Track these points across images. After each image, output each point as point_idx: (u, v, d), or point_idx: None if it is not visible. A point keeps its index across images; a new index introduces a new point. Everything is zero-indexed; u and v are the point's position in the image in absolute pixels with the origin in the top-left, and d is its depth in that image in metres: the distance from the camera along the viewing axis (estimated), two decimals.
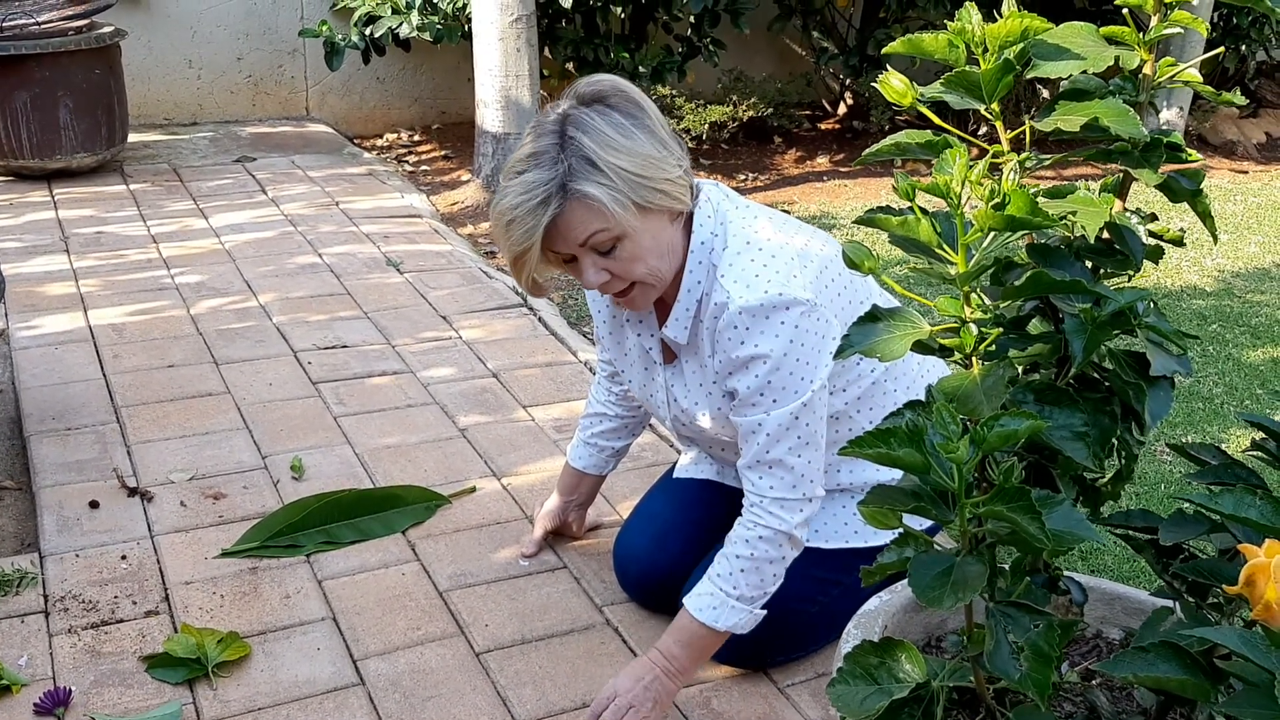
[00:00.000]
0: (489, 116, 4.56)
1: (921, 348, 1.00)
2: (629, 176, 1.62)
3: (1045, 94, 5.48)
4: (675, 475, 2.17)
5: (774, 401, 1.69)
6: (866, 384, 1.85)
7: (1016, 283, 0.96)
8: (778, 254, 1.69)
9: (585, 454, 2.19)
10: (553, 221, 1.62)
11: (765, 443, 1.70)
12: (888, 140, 1.05)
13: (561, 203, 1.62)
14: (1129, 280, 1.11)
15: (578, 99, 1.67)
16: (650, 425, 2.79)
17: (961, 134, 1.00)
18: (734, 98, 5.66)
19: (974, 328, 0.96)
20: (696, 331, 1.78)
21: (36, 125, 4.40)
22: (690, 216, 1.74)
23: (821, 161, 5.54)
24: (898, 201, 1.06)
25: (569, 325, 3.45)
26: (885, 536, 1.87)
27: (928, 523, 1.71)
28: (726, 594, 1.74)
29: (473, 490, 2.48)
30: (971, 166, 0.94)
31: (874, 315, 1.01)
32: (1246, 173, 5.68)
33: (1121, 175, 1.10)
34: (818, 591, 1.90)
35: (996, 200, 0.90)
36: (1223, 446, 1.32)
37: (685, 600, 1.78)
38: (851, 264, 0.99)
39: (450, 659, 1.95)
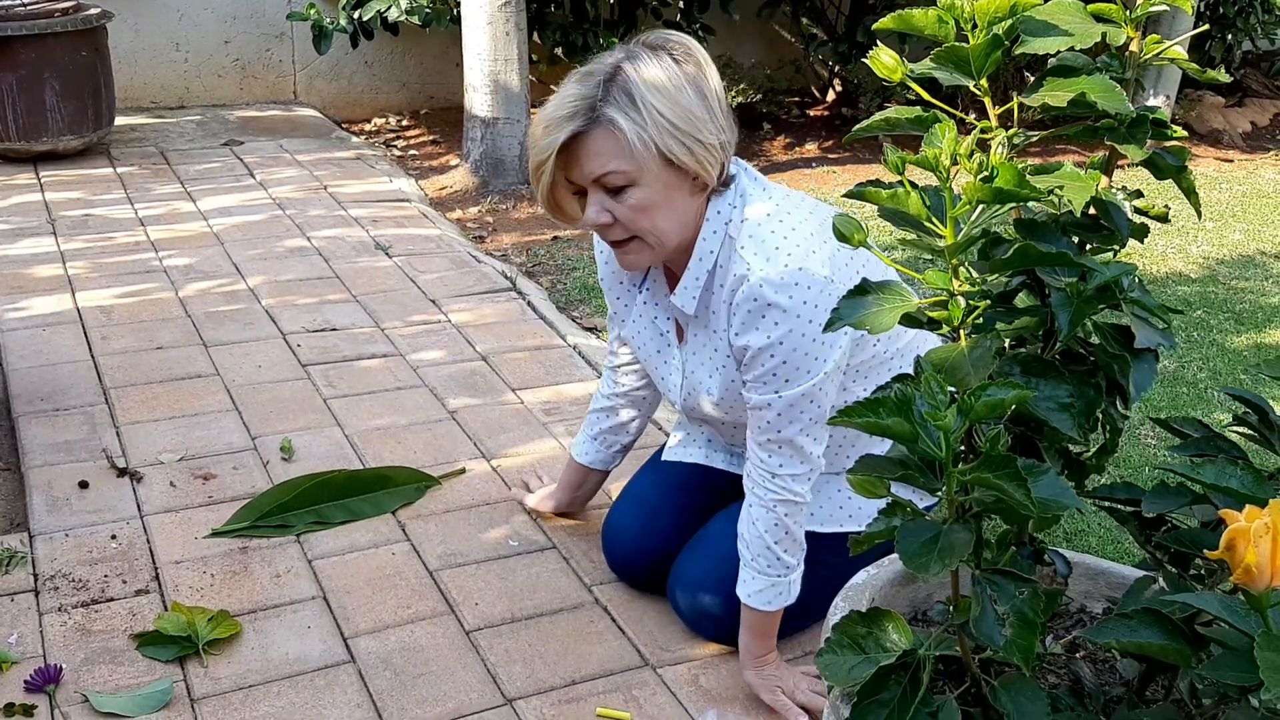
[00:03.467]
0: (477, 101, 4.55)
1: (910, 321, 1.01)
2: (663, 122, 1.62)
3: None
4: (663, 458, 2.18)
5: (786, 381, 1.68)
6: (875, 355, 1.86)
7: (1004, 256, 0.97)
8: (798, 228, 1.69)
9: (592, 450, 2.19)
10: (575, 139, 1.64)
11: (776, 422, 1.71)
12: (877, 116, 1.07)
13: (588, 122, 1.63)
14: (1114, 257, 1.12)
15: (641, 43, 1.69)
16: None
17: (951, 110, 1.01)
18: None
19: (962, 301, 0.98)
20: (706, 303, 1.78)
21: (22, 107, 4.38)
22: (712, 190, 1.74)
23: (810, 148, 5.55)
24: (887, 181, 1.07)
25: (558, 309, 3.46)
26: None
27: (924, 503, 1.73)
28: (780, 575, 1.78)
29: (462, 472, 2.49)
30: (960, 141, 0.95)
31: (863, 288, 1.02)
32: (1232, 161, 5.71)
33: (1108, 153, 1.11)
34: (806, 573, 1.92)
35: (985, 173, 0.91)
36: None
37: (745, 599, 1.79)
38: (841, 236, 1.00)
39: (440, 637, 1.96)
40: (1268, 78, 6.92)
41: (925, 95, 1.06)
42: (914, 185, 0.98)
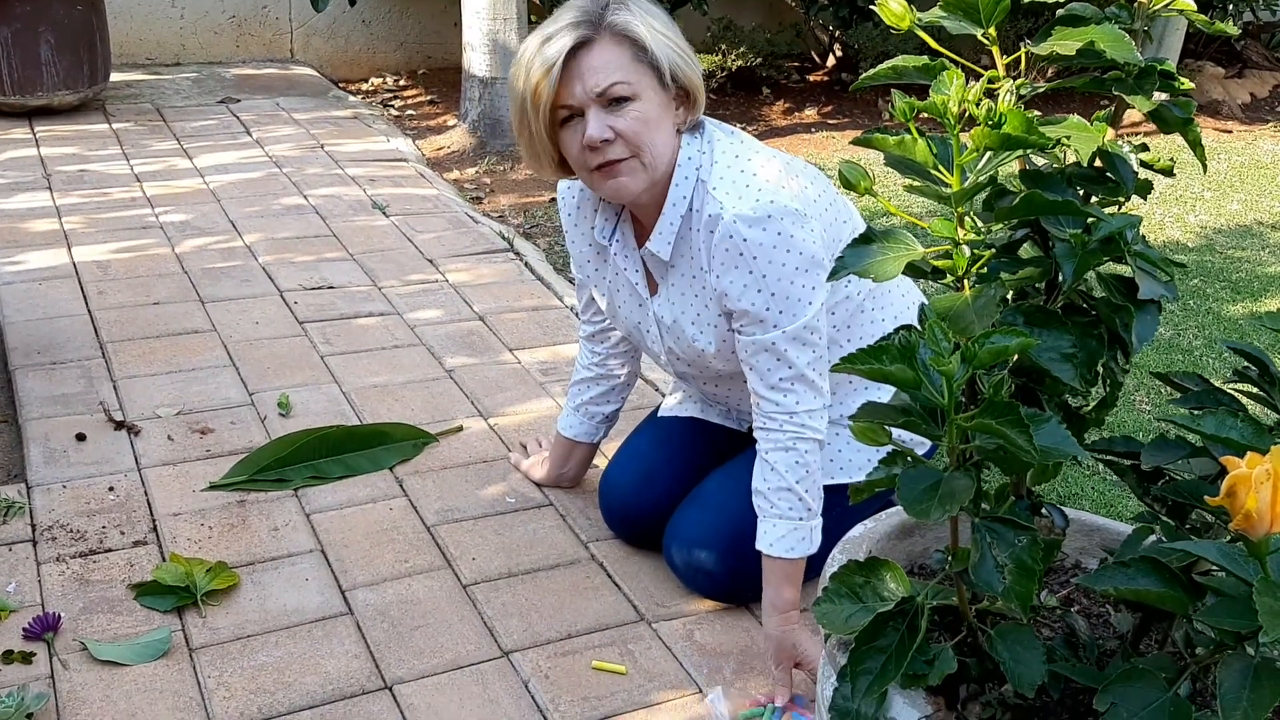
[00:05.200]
0: (476, 60, 4.52)
1: (914, 270, 1.01)
2: (664, 40, 1.68)
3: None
4: (660, 415, 2.19)
5: (781, 313, 1.70)
6: (852, 308, 1.87)
7: (1010, 205, 0.97)
8: (766, 165, 1.72)
9: (576, 422, 2.19)
10: (583, 47, 1.66)
11: (785, 358, 1.72)
12: (885, 64, 1.06)
13: (594, 31, 1.66)
14: (1119, 210, 1.12)
15: None
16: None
17: (957, 58, 1.01)
18: (723, 47, 5.63)
19: (967, 249, 0.98)
20: (682, 249, 1.79)
21: (17, 61, 4.35)
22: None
23: (809, 113, 5.53)
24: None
25: (555, 271, 3.45)
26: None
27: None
28: (802, 518, 1.76)
29: (460, 430, 2.49)
30: (968, 88, 0.95)
31: (868, 237, 1.02)
32: (1231, 132, 5.70)
33: (1114, 105, 1.11)
34: None
35: (993, 119, 0.91)
36: None
37: (767, 549, 1.77)
38: (847, 184, 1.00)
39: (438, 590, 1.98)
40: (1268, 49, 6.90)
41: (933, 44, 1.05)
42: (921, 133, 0.98)
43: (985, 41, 1.03)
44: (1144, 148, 1.11)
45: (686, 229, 1.77)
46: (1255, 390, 1.17)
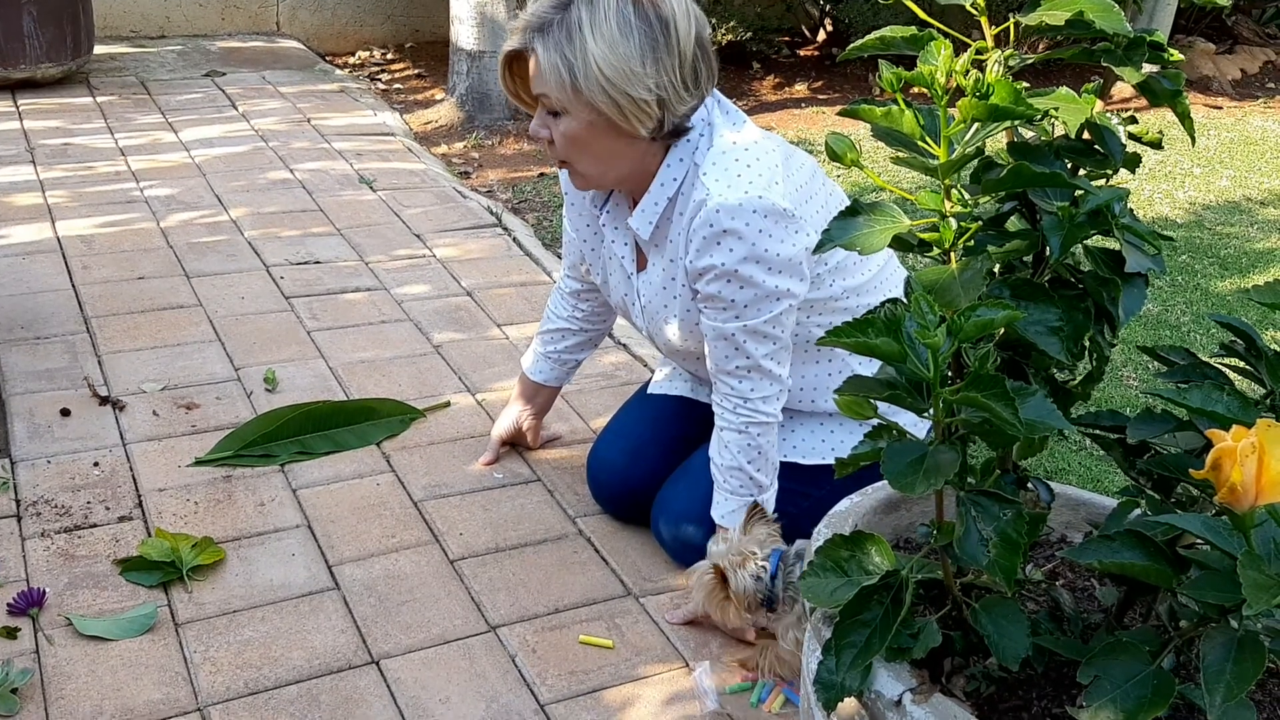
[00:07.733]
0: (464, 33, 4.49)
1: (900, 243, 1.01)
2: (594, 71, 1.59)
3: None
4: (649, 391, 2.18)
5: (746, 307, 1.68)
6: (836, 309, 1.85)
7: (997, 177, 0.96)
8: (762, 158, 1.68)
9: (546, 368, 2.19)
10: (518, 56, 1.69)
11: (743, 349, 1.71)
12: (872, 35, 1.05)
13: (523, 47, 1.66)
14: (1107, 183, 1.11)
15: None
16: (625, 346, 2.80)
17: (946, 29, 1.00)
18: (713, 21, 5.59)
19: (953, 222, 0.97)
20: (665, 230, 1.77)
21: (0, 34, 4.30)
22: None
23: (800, 89, 5.50)
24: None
25: (543, 246, 3.44)
26: None
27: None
28: (752, 495, 1.79)
29: (447, 405, 2.49)
30: (956, 59, 0.94)
31: (854, 209, 1.01)
32: (1221, 108, 5.69)
33: (1104, 78, 1.10)
34: (788, 503, 1.92)
35: (981, 90, 0.90)
36: None
37: (719, 520, 1.82)
38: (834, 156, 0.99)
39: (425, 565, 1.97)
40: (1259, 25, 6.88)
41: (922, 14, 1.04)
42: (909, 104, 0.97)
43: (974, 12, 1.02)
44: (1133, 120, 1.10)
45: (671, 212, 1.74)
46: (1242, 364, 1.17)
